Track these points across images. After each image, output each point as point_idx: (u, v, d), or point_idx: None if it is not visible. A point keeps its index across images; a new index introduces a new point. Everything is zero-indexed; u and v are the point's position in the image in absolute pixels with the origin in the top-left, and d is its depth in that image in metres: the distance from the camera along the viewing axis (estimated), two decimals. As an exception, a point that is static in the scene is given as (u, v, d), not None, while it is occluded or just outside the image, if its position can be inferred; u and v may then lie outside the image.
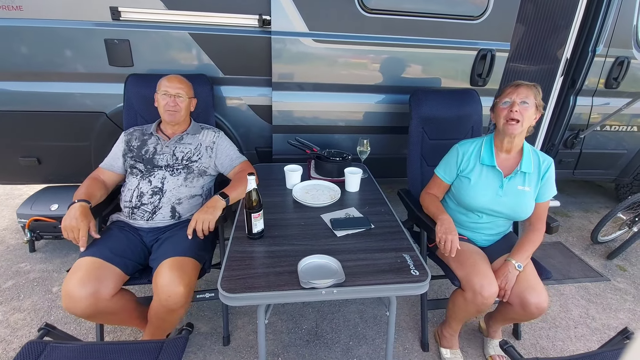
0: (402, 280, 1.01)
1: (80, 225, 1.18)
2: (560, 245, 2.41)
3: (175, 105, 1.43)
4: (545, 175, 1.28)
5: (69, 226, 1.18)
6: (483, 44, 1.93)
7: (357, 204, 1.46)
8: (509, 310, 1.27)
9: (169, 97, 1.42)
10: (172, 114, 1.44)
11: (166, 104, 1.42)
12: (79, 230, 1.18)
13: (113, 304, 1.16)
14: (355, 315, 1.70)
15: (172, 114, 1.44)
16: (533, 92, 1.23)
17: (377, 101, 2.00)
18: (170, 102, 1.42)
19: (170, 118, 1.44)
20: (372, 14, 1.78)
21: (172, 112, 1.43)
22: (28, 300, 1.70)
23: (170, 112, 1.43)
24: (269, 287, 0.97)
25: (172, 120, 1.45)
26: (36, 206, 1.97)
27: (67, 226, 1.18)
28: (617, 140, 2.45)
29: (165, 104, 1.42)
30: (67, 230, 1.18)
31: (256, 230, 1.16)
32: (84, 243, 1.20)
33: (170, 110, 1.43)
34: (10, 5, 1.59)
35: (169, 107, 1.42)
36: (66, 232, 1.19)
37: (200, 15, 1.69)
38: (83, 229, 1.18)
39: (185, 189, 1.42)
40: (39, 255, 2.04)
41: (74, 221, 1.18)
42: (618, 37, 2.14)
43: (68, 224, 1.18)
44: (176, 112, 1.44)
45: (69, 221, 1.19)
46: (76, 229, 1.18)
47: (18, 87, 1.72)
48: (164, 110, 1.43)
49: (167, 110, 1.43)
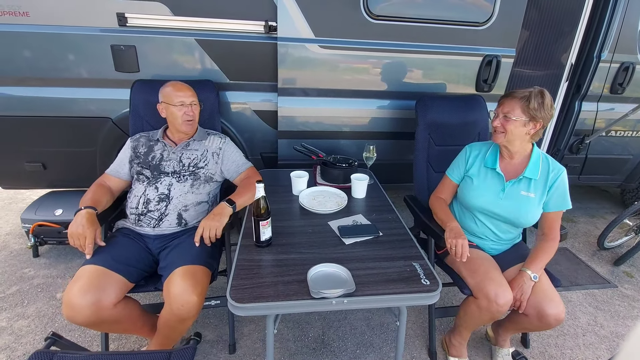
0: (413, 290, 1.00)
1: (86, 232, 1.17)
2: (567, 251, 2.40)
3: (193, 114, 1.43)
4: (554, 184, 1.27)
5: (75, 233, 1.17)
6: (488, 49, 1.93)
7: (364, 210, 1.45)
8: (523, 320, 1.25)
9: (186, 106, 1.42)
10: (191, 123, 1.44)
11: (184, 114, 1.41)
12: (85, 237, 1.17)
13: (116, 312, 1.14)
14: (361, 323, 1.68)
15: (190, 124, 1.44)
16: (520, 104, 1.20)
17: (383, 107, 1.99)
18: (189, 112, 1.42)
19: (189, 128, 1.45)
20: (378, 20, 1.78)
21: (190, 122, 1.43)
22: (32, 307, 1.69)
23: (189, 122, 1.43)
24: (278, 296, 0.96)
25: (191, 130, 1.46)
26: (40, 211, 1.97)
27: (74, 233, 1.17)
28: (623, 145, 2.44)
29: (183, 115, 1.41)
30: (73, 237, 1.17)
31: (264, 238, 1.16)
32: (90, 251, 1.19)
33: (189, 121, 1.43)
34: (17, 11, 1.60)
35: (188, 117, 1.42)
36: (72, 240, 1.18)
37: (206, 22, 1.69)
38: (89, 236, 1.18)
39: (191, 196, 1.41)
40: (43, 260, 2.03)
41: (81, 228, 1.17)
42: (623, 42, 2.14)
43: (74, 231, 1.17)
44: (193, 121, 1.45)
45: (75, 228, 1.18)
46: (82, 236, 1.17)
47: (24, 93, 1.72)
48: (183, 121, 1.42)
49: (186, 121, 1.42)
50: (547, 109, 1.20)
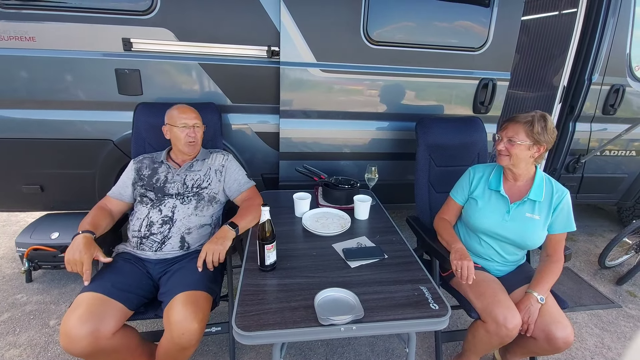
0: (422, 315, 0.98)
1: (83, 258, 1.14)
2: (569, 271, 2.38)
3: (195, 135, 1.44)
4: (559, 205, 1.28)
5: (72, 260, 1.14)
6: (484, 73, 1.99)
7: (368, 232, 1.44)
8: (531, 344, 1.22)
9: (189, 128, 1.43)
10: (193, 145, 1.45)
11: (186, 136, 1.42)
12: (82, 263, 1.14)
13: (115, 342, 1.09)
14: (366, 349, 1.64)
15: (192, 145, 1.45)
16: (524, 129, 1.22)
17: (383, 128, 2.02)
18: (191, 134, 1.43)
19: (191, 149, 1.45)
20: (377, 45, 1.84)
21: (192, 144, 1.44)
22: (24, 335, 1.62)
23: (191, 144, 1.44)
24: (285, 323, 0.94)
25: (193, 152, 1.47)
26: (36, 234, 1.92)
27: (70, 260, 1.14)
28: (617, 164, 2.49)
29: (186, 136, 1.42)
30: (70, 264, 1.14)
31: (269, 262, 1.14)
32: (87, 277, 1.15)
33: (191, 142, 1.43)
34: (23, 36, 1.62)
35: (190, 138, 1.43)
36: (69, 266, 1.14)
37: (210, 47, 1.73)
38: (87, 262, 1.14)
39: (195, 218, 1.39)
40: (36, 285, 1.97)
41: (77, 254, 1.14)
42: (612, 65, 2.22)
43: (71, 257, 1.14)
44: (196, 143, 1.46)
45: (72, 254, 1.14)
46: (79, 262, 1.14)
47: (27, 115, 1.72)
48: (185, 143, 1.43)
49: (188, 142, 1.43)
50: (550, 132, 1.22)
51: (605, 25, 2.14)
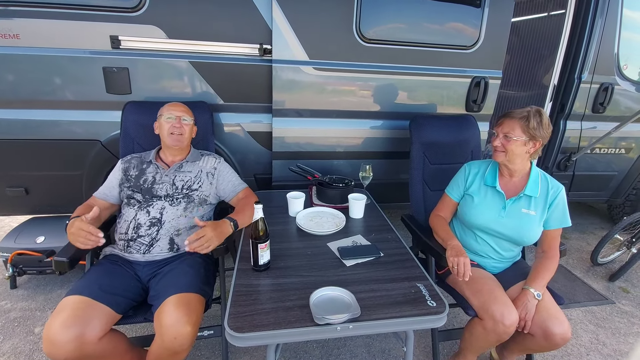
0: (420, 312, 0.97)
1: (83, 226, 1.12)
2: (562, 268, 2.40)
3: (180, 127, 1.40)
4: (554, 201, 1.28)
5: (75, 235, 1.12)
6: (476, 71, 1.99)
7: (363, 231, 1.42)
8: (528, 341, 1.21)
9: (174, 119, 1.39)
10: (178, 137, 1.40)
11: (170, 127, 1.38)
12: (88, 229, 1.11)
13: (101, 347, 1.05)
14: (362, 350, 1.61)
15: (177, 138, 1.40)
16: (520, 124, 1.22)
17: (376, 127, 2.01)
18: (176, 124, 1.39)
19: (175, 142, 1.40)
20: (370, 43, 1.83)
21: (177, 136, 1.40)
22: (8, 343, 1.56)
23: (175, 136, 1.39)
24: (280, 324, 0.91)
25: (177, 145, 1.41)
26: (21, 239, 1.86)
27: (75, 237, 1.12)
28: (607, 162, 2.52)
29: (170, 127, 1.38)
30: (78, 241, 1.12)
31: (262, 261, 1.11)
32: (100, 235, 1.13)
33: (175, 134, 1.39)
34: (7, 33, 1.57)
35: (174, 129, 1.38)
36: (78, 242, 1.12)
37: (201, 44, 1.70)
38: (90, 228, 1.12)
39: (184, 220, 1.35)
40: (21, 292, 1.90)
41: (75, 229, 1.12)
42: (601, 64, 2.26)
43: (75, 236, 1.12)
44: (181, 136, 1.41)
45: (75, 234, 1.12)
46: (83, 232, 1.11)
47: (11, 115, 1.66)
48: (168, 134, 1.38)
49: (172, 134, 1.39)
50: (545, 127, 1.22)
51: (593, 26, 2.18)
